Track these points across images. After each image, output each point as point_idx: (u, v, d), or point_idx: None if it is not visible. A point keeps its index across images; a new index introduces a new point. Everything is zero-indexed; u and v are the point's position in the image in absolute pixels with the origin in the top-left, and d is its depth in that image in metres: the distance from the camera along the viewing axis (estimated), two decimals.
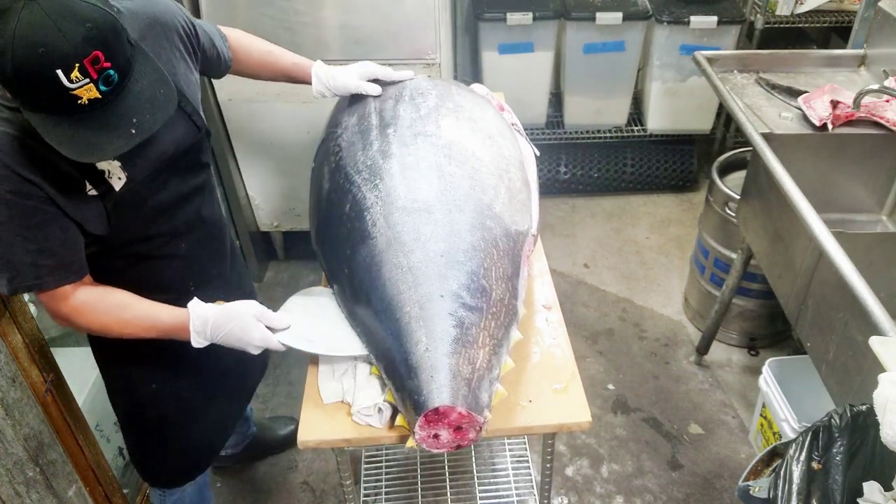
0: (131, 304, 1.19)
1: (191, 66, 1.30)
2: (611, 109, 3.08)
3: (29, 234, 1.05)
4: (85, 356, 1.93)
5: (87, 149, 0.97)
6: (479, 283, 1.17)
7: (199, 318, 1.18)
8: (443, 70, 2.29)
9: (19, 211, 1.03)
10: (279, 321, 1.22)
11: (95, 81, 0.93)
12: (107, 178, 1.12)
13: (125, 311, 1.18)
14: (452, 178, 1.28)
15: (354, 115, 1.48)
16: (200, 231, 1.35)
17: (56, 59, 0.90)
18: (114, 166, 1.13)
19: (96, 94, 0.94)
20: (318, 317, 1.30)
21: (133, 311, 1.18)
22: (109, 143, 0.98)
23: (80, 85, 0.92)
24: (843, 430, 1.08)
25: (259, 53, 1.50)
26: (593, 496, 2.03)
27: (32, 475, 1.33)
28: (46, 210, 1.06)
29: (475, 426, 1.08)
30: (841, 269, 1.30)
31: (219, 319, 1.18)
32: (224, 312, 1.19)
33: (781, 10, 2.81)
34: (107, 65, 0.94)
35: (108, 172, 1.12)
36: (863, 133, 1.80)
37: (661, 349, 2.49)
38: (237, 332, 1.18)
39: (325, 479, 2.10)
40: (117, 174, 1.13)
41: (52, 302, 1.14)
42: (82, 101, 0.93)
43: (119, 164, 1.13)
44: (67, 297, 1.13)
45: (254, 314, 1.19)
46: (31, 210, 1.04)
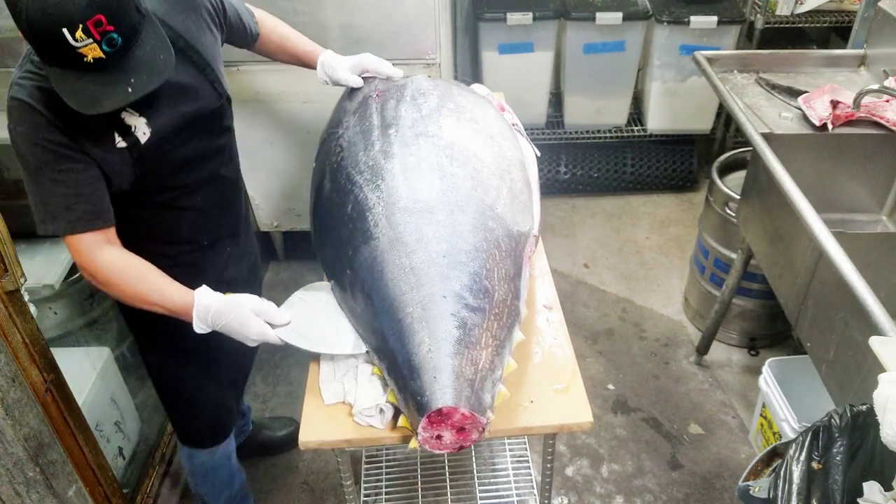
0: (149, 277, 1.25)
1: (217, 37, 1.40)
2: (611, 109, 3.08)
3: (62, 179, 1.16)
4: (85, 356, 1.94)
5: (89, 102, 1.07)
6: (482, 284, 1.17)
7: (202, 306, 1.23)
8: (443, 70, 2.29)
9: (54, 157, 1.15)
10: (278, 317, 1.26)
11: (98, 42, 1.04)
12: (133, 132, 1.22)
13: (142, 283, 1.25)
14: (454, 179, 1.28)
15: (356, 115, 1.48)
16: (217, 188, 1.44)
17: (62, 20, 1.00)
18: (140, 122, 1.23)
19: (100, 54, 1.05)
20: (319, 313, 1.31)
21: (148, 284, 1.25)
22: (107, 99, 1.08)
23: (84, 44, 1.03)
24: (843, 430, 1.08)
25: (278, 37, 1.61)
26: (593, 496, 2.03)
27: (32, 475, 1.33)
28: (78, 158, 1.17)
29: (478, 427, 1.08)
30: (841, 269, 1.30)
31: (220, 309, 1.23)
32: (226, 303, 1.24)
33: (781, 10, 2.81)
34: (109, 28, 1.04)
35: (135, 127, 1.23)
36: (863, 133, 1.80)
37: (661, 349, 2.49)
38: (235, 325, 1.23)
39: (325, 479, 2.10)
40: (142, 129, 1.23)
41: (82, 254, 1.22)
42: (87, 59, 1.04)
43: (145, 120, 1.23)
44: (96, 252, 1.22)
45: (253, 309, 1.24)
46: (65, 157, 1.15)
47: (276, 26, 1.62)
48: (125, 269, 1.24)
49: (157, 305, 1.25)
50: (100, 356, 1.97)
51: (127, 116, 1.22)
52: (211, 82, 1.35)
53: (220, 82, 1.38)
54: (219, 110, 1.38)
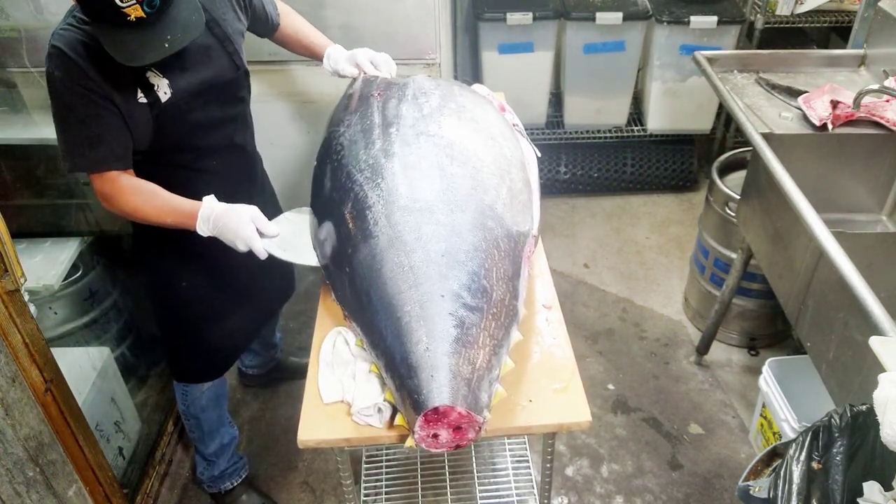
0: (160, 194, 1.41)
1: (239, 17, 1.55)
2: (611, 109, 3.08)
3: (89, 122, 1.31)
4: (85, 356, 1.95)
5: (130, 55, 1.23)
6: (480, 284, 1.17)
7: (208, 208, 1.38)
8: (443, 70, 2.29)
9: (85, 101, 1.30)
10: (268, 228, 1.39)
11: (141, 4, 1.19)
12: (155, 91, 1.36)
13: (154, 199, 1.40)
14: (454, 179, 1.28)
15: (357, 113, 1.49)
16: (231, 154, 1.58)
17: None
18: (162, 82, 1.37)
19: (142, 14, 1.20)
20: (302, 231, 1.47)
21: (160, 199, 1.41)
22: (147, 53, 1.24)
23: (128, 5, 1.18)
24: (843, 430, 1.08)
25: (293, 30, 1.75)
26: (593, 496, 2.03)
27: (32, 475, 1.33)
28: (105, 105, 1.31)
29: (474, 426, 1.08)
30: (841, 269, 1.30)
31: (222, 212, 1.37)
32: (227, 208, 1.38)
33: (781, 10, 2.81)
34: None
35: (157, 86, 1.36)
36: (863, 133, 1.80)
37: (661, 349, 2.49)
38: (231, 226, 1.36)
39: (325, 479, 2.10)
40: (164, 89, 1.37)
41: (100, 182, 1.38)
42: (130, 18, 1.19)
43: (167, 81, 1.37)
44: (114, 180, 1.37)
45: (250, 216, 1.37)
46: (95, 103, 1.30)
47: (295, 20, 1.75)
48: (137, 190, 1.40)
49: (168, 215, 1.40)
50: (100, 356, 1.97)
51: (151, 76, 1.36)
52: (229, 54, 1.48)
53: (238, 55, 1.51)
54: (235, 81, 1.51)
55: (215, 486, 1.98)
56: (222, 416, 1.91)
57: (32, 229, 2.12)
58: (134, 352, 2.28)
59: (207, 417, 1.87)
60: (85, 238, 2.08)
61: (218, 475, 1.96)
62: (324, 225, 1.42)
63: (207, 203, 1.38)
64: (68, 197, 2.16)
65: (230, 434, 1.95)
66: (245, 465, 2.03)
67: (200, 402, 1.83)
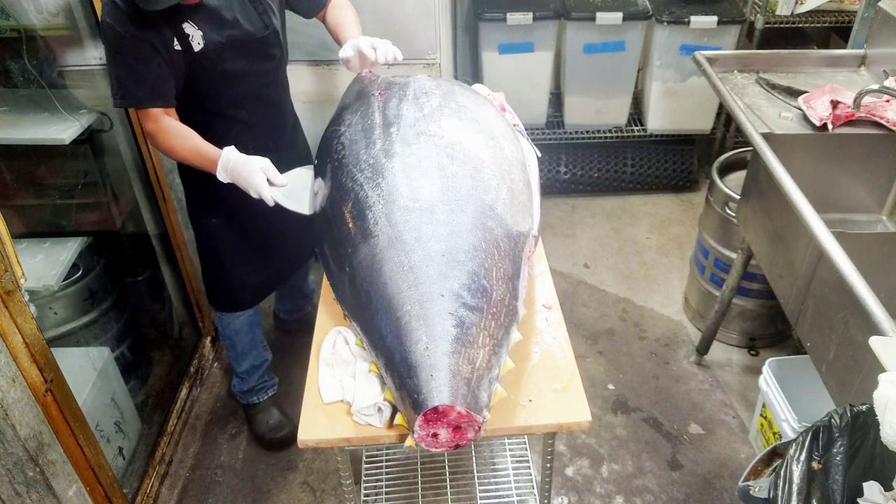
0: (192, 139, 1.58)
1: None
2: (611, 109, 3.08)
3: (138, 64, 1.50)
4: (85, 356, 1.95)
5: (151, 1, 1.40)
6: (480, 283, 1.17)
7: (226, 157, 1.52)
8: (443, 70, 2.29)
9: (133, 45, 1.48)
10: (277, 178, 1.50)
11: None
12: (189, 41, 1.53)
13: (186, 142, 1.58)
14: (454, 178, 1.28)
15: (357, 113, 1.49)
16: (260, 107, 1.73)
17: None
18: (197, 34, 1.53)
19: None
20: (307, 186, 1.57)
21: (192, 143, 1.57)
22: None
23: None
24: (843, 430, 1.08)
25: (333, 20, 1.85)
26: (593, 496, 2.03)
27: (32, 475, 1.33)
28: (149, 49, 1.49)
29: (474, 426, 1.08)
30: (841, 269, 1.29)
31: (237, 162, 1.50)
32: (242, 159, 1.51)
33: (781, 10, 2.81)
34: None
35: (192, 36, 1.53)
36: (863, 133, 1.80)
37: (661, 349, 2.49)
38: (245, 175, 1.49)
39: (325, 479, 2.10)
40: (197, 39, 1.54)
41: (145, 119, 1.57)
42: None
43: (201, 33, 1.54)
44: (157, 119, 1.56)
45: (260, 167, 1.49)
46: (141, 47, 1.48)
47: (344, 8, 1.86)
48: (174, 132, 1.57)
49: (195, 158, 1.57)
50: (100, 356, 1.97)
51: (187, 27, 1.52)
52: (259, 14, 1.62)
53: (268, 15, 1.64)
54: (265, 39, 1.64)
55: (245, 398, 2.20)
56: (254, 339, 2.10)
57: (32, 229, 2.12)
58: (134, 352, 2.28)
59: (240, 340, 2.06)
60: (85, 238, 2.08)
61: (247, 390, 2.17)
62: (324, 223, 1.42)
63: (226, 153, 1.53)
64: (68, 197, 2.16)
65: (262, 357, 2.15)
66: (274, 385, 2.22)
67: (234, 326, 2.03)
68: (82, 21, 1.86)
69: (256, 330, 2.10)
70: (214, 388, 2.40)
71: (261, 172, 1.49)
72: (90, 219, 2.21)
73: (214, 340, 2.52)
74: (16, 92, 1.98)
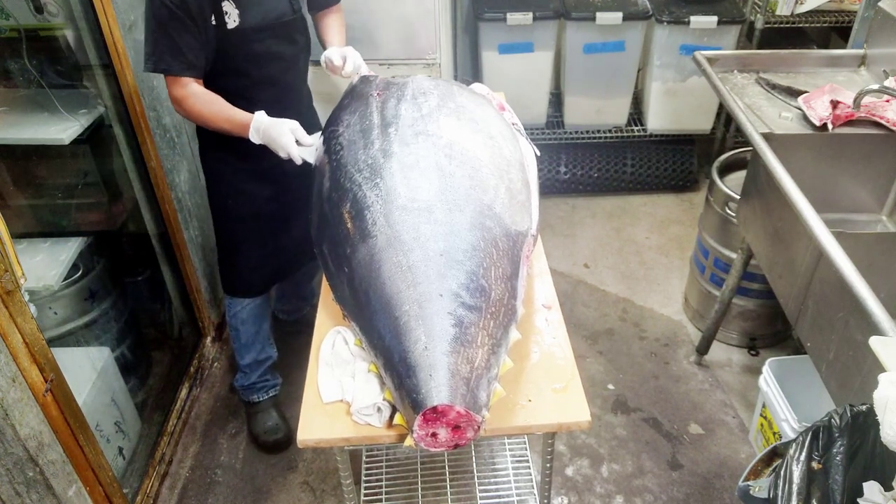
0: (221, 104, 1.66)
1: None
2: (611, 109, 3.08)
3: (173, 34, 1.56)
4: (85, 356, 1.95)
5: None
6: (479, 283, 1.17)
7: (258, 120, 1.61)
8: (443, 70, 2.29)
9: (170, 16, 1.54)
10: (305, 138, 1.60)
11: None
12: (225, 17, 1.61)
13: (214, 105, 1.65)
14: (453, 178, 1.28)
15: (356, 113, 1.49)
16: (281, 88, 1.80)
17: None
18: (234, 12, 1.61)
19: None
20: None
21: (221, 107, 1.65)
22: None
23: None
24: (843, 430, 1.08)
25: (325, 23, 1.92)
26: (593, 496, 2.03)
27: (32, 475, 1.33)
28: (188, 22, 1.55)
29: (473, 425, 1.08)
30: (841, 269, 1.29)
31: (269, 125, 1.60)
32: (273, 121, 1.60)
33: (781, 10, 2.81)
34: None
35: (229, 13, 1.61)
36: (863, 133, 1.80)
37: (661, 349, 2.49)
38: (274, 134, 1.58)
39: (325, 479, 2.10)
40: (234, 17, 1.61)
41: (174, 86, 1.63)
42: None
43: (238, 11, 1.61)
44: (186, 85, 1.63)
45: (290, 128, 1.59)
46: (179, 19, 1.54)
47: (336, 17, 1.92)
48: (203, 98, 1.64)
49: (224, 121, 1.64)
50: (100, 356, 1.97)
51: (226, 4, 1.59)
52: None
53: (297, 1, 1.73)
54: (293, 22, 1.73)
55: (246, 395, 2.20)
56: (260, 333, 2.13)
57: (32, 229, 2.12)
58: (134, 352, 2.27)
59: (245, 331, 2.09)
60: (85, 238, 2.08)
61: (248, 385, 2.18)
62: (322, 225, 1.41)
63: (258, 117, 1.61)
64: (68, 197, 2.16)
65: (266, 353, 2.17)
66: (276, 386, 2.23)
67: (241, 315, 2.07)
68: (82, 21, 1.86)
69: (263, 323, 2.14)
70: (214, 388, 2.40)
71: (290, 133, 1.58)
72: (90, 219, 2.21)
73: (214, 340, 2.52)
74: (16, 92, 1.98)
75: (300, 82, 1.90)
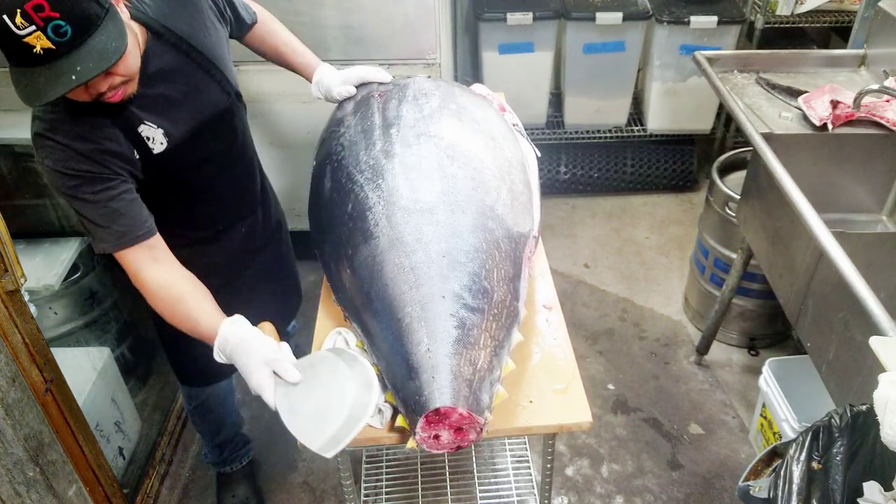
0: (187, 301, 1.26)
1: (220, 31, 1.41)
2: (611, 109, 3.08)
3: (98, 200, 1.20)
4: (85, 356, 1.95)
5: (33, 95, 1.06)
6: (481, 285, 1.17)
7: (222, 338, 1.21)
8: (443, 70, 2.29)
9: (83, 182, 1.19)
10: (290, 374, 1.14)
11: (42, 29, 1.00)
12: (149, 144, 1.27)
13: (178, 306, 1.26)
14: (455, 179, 1.28)
15: (357, 114, 1.49)
16: (229, 182, 1.49)
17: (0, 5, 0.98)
18: (157, 134, 1.27)
19: (48, 44, 1.01)
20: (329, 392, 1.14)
21: (185, 308, 1.26)
22: (51, 90, 1.05)
23: (27, 32, 1.00)
24: (843, 430, 1.08)
25: (275, 43, 1.61)
26: (593, 496, 2.03)
27: (32, 475, 1.33)
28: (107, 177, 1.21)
29: (476, 427, 1.08)
30: (841, 269, 1.30)
31: (236, 347, 1.18)
32: (242, 342, 1.18)
33: (781, 10, 2.81)
34: (53, 14, 1.00)
35: (153, 139, 1.27)
36: (863, 133, 1.80)
37: (661, 349, 2.49)
38: (242, 367, 1.17)
39: (325, 479, 2.10)
40: (159, 140, 1.28)
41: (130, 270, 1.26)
42: (36, 49, 1.01)
43: (162, 131, 1.28)
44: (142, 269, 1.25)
45: (265, 359, 1.15)
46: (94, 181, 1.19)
47: (278, 30, 1.62)
48: (166, 291, 1.26)
49: (188, 329, 1.26)
50: (100, 356, 1.97)
51: (145, 129, 1.26)
52: (218, 81, 1.38)
53: (227, 80, 1.40)
54: (229, 109, 1.42)
55: (217, 467, 2.04)
56: (228, 410, 1.92)
57: (32, 229, 2.12)
58: (134, 352, 2.27)
59: (212, 416, 1.89)
60: (85, 238, 2.08)
61: (219, 460, 2.01)
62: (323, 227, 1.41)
63: (223, 332, 1.20)
64: None
65: (235, 424, 1.98)
66: (248, 452, 2.06)
67: (206, 403, 1.84)
68: None
69: (230, 399, 1.89)
70: None
71: (263, 367, 1.14)
72: None
73: None
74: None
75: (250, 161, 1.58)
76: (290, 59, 1.63)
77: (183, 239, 1.38)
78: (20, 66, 1.04)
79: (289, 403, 1.12)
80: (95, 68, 1.06)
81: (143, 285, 1.26)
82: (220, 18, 1.42)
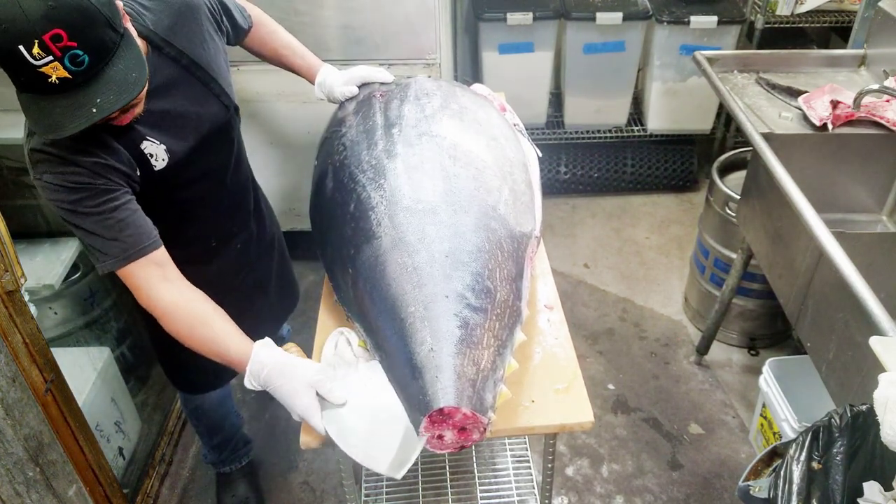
0: (211, 323, 1.19)
1: (218, 44, 1.39)
2: (611, 109, 3.08)
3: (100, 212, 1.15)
4: (85, 356, 1.94)
5: (52, 127, 1.03)
6: (484, 284, 1.17)
7: (257, 363, 1.16)
8: (443, 70, 2.29)
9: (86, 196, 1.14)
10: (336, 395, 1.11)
11: (60, 59, 0.97)
12: (151, 161, 1.24)
13: (201, 329, 1.19)
14: (457, 179, 1.28)
15: (359, 114, 1.49)
16: (225, 196, 1.47)
17: (16, 35, 0.95)
18: (159, 150, 1.25)
19: (65, 74, 0.99)
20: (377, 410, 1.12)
21: (209, 332, 1.19)
22: (71, 123, 1.02)
23: (44, 62, 0.97)
24: (843, 430, 1.08)
25: (274, 46, 1.60)
26: (593, 496, 2.03)
27: (32, 475, 1.33)
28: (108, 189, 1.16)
29: (479, 427, 1.08)
30: (841, 269, 1.30)
31: (273, 371, 1.14)
32: (280, 366, 1.14)
33: (781, 10, 2.81)
34: (72, 44, 0.97)
35: (155, 156, 1.25)
36: (863, 133, 1.80)
37: (661, 349, 2.49)
38: (284, 393, 1.14)
39: (325, 479, 2.10)
40: (161, 156, 1.26)
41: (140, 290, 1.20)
42: (52, 79, 0.98)
43: (164, 147, 1.26)
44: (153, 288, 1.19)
45: (309, 381, 1.12)
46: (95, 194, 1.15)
47: (277, 32, 1.60)
48: (186, 312, 1.20)
49: (212, 354, 1.19)
50: (100, 356, 1.97)
51: (147, 146, 1.23)
52: (217, 95, 1.36)
53: (226, 94, 1.38)
54: (228, 123, 1.40)
55: (216, 467, 2.04)
56: (227, 412, 1.91)
57: (32, 229, 2.12)
58: (134, 352, 2.27)
59: (210, 419, 1.88)
60: None
61: (218, 460, 2.00)
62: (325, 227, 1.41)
63: (257, 355, 1.15)
64: None
65: (234, 426, 1.97)
66: (248, 452, 2.05)
67: (203, 407, 1.83)
68: None
69: (228, 402, 1.87)
70: None
71: (309, 390, 1.11)
72: None
73: None
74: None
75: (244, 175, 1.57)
76: (290, 61, 1.62)
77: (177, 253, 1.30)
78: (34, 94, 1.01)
79: (337, 427, 1.09)
80: (117, 101, 1.04)
81: (156, 306, 1.20)
82: (217, 30, 1.40)
